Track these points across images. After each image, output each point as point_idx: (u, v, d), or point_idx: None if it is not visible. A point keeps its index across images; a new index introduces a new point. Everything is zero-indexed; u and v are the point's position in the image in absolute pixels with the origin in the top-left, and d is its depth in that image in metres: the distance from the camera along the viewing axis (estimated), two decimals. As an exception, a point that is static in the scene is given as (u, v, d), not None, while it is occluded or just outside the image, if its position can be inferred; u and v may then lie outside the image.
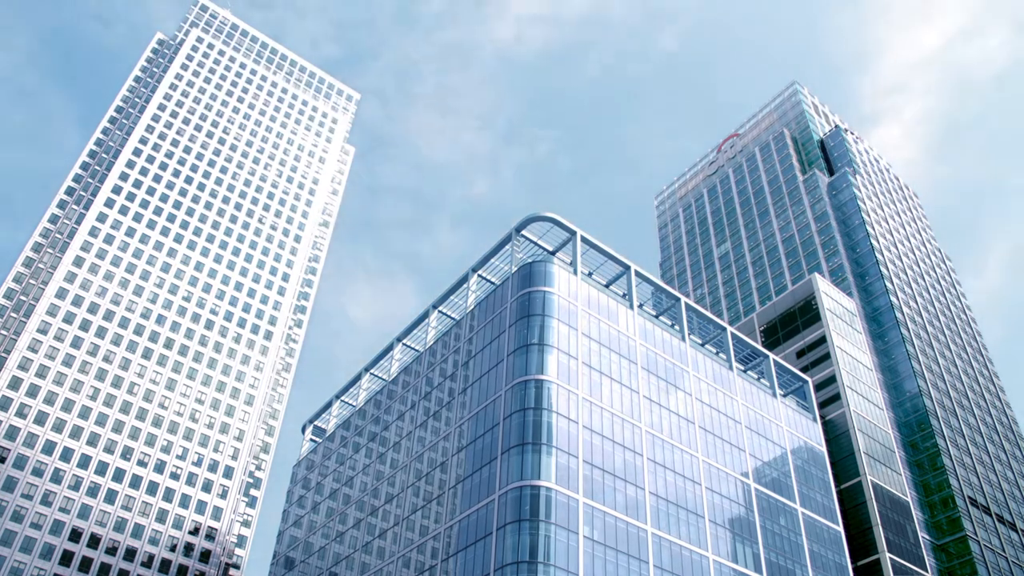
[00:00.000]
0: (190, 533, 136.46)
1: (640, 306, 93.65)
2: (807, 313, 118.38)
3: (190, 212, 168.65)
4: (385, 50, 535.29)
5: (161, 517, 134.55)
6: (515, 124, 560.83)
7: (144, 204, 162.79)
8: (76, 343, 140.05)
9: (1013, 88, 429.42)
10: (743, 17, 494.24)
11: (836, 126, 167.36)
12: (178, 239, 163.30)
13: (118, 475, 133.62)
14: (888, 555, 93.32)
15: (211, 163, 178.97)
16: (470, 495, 74.07)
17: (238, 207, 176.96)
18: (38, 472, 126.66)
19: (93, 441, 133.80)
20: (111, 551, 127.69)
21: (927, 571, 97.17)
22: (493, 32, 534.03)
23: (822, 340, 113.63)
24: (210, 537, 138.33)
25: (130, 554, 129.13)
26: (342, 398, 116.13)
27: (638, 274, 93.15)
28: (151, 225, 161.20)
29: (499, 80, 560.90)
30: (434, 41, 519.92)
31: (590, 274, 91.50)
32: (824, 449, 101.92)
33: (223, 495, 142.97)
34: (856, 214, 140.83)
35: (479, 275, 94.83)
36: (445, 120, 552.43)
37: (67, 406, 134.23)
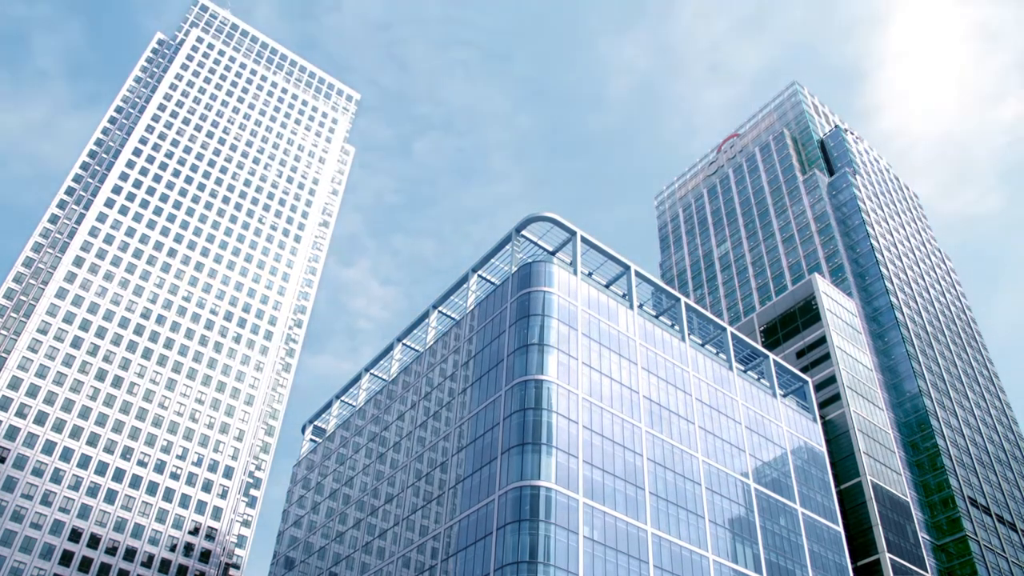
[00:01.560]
0: (190, 533, 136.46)
1: (640, 306, 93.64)
2: (807, 313, 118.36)
3: (190, 212, 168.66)
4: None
5: (161, 517, 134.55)
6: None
7: (144, 204, 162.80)
8: (76, 343, 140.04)
9: (986, 234, 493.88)
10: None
11: (836, 126, 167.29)
12: (178, 239, 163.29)
13: (118, 475, 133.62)
14: (888, 555, 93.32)
15: (211, 163, 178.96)
16: (470, 495, 74.07)
17: (238, 207, 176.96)
18: (38, 472, 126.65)
19: (93, 441, 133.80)
20: (111, 551, 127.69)
21: (927, 571, 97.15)
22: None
23: (822, 340, 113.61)
24: (210, 537, 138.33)
25: (130, 554, 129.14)
26: (342, 398, 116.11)
27: (638, 274, 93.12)
28: (151, 225, 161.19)
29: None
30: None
31: (590, 274, 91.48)
32: (824, 449, 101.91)
33: (223, 495, 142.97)
34: (856, 214, 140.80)
35: (479, 275, 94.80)
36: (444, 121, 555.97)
37: (67, 406, 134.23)
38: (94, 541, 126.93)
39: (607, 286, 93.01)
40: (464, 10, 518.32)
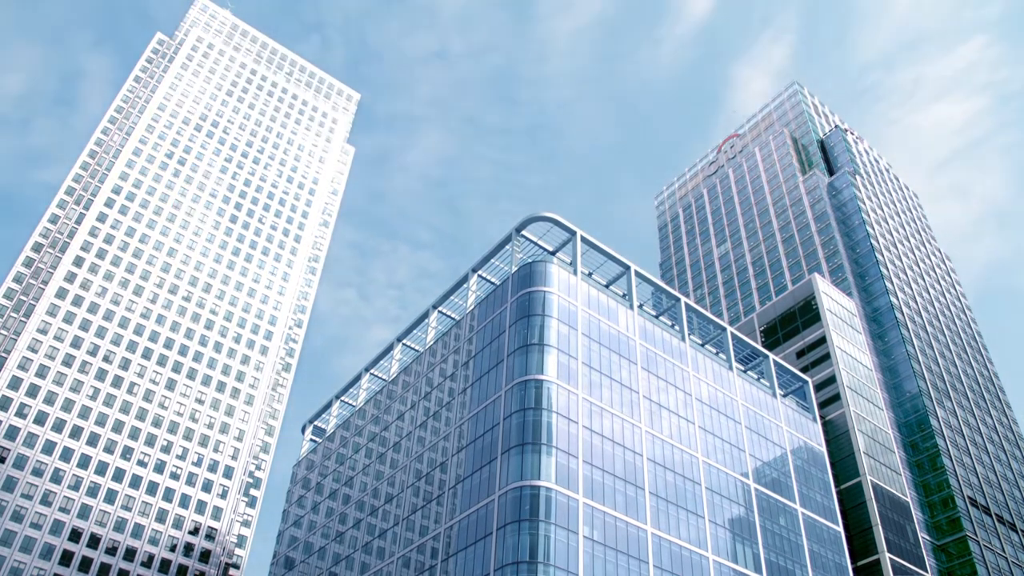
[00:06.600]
0: (190, 533, 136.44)
1: (640, 306, 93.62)
2: (807, 313, 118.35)
3: (190, 212, 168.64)
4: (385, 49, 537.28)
5: (161, 517, 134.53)
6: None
7: (144, 204, 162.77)
8: (76, 343, 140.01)
9: (987, 231, 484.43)
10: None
11: (836, 126, 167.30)
12: (178, 239, 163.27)
13: (118, 475, 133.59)
14: (888, 555, 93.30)
15: (211, 163, 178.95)
16: (470, 495, 74.06)
17: (238, 207, 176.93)
18: (38, 472, 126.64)
19: (93, 441, 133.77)
20: (111, 551, 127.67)
21: (927, 571, 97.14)
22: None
23: (822, 340, 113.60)
24: (210, 537, 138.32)
25: (130, 554, 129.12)
26: (342, 398, 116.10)
27: (638, 274, 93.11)
28: (151, 225, 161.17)
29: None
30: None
31: (590, 274, 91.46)
32: (824, 449, 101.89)
33: (223, 495, 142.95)
34: (856, 214, 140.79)
35: (479, 275, 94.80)
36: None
37: (67, 406, 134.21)
38: (94, 541, 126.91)
39: (607, 286, 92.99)
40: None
